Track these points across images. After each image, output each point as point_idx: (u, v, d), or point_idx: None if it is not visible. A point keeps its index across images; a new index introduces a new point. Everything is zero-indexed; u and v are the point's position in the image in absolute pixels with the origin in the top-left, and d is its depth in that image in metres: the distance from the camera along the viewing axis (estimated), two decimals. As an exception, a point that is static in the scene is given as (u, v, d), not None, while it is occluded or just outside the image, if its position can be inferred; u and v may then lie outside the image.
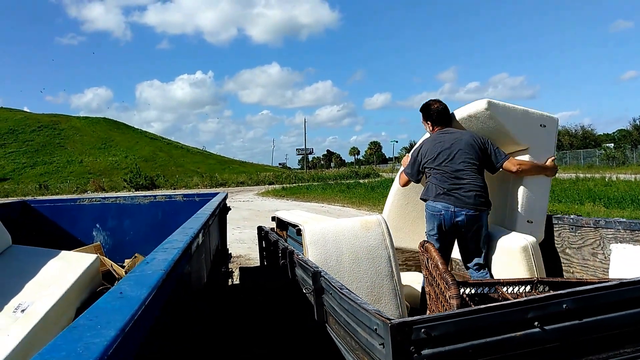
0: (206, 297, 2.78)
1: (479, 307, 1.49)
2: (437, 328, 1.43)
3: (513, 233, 3.61)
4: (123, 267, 4.08)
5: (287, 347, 2.99)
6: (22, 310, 2.40)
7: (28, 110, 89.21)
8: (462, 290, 2.18)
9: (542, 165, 3.84)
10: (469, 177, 3.55)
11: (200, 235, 2.17)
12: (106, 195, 5.26)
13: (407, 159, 4.05)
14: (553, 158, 3.93)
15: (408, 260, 4.47)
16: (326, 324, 2.20)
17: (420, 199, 3.82)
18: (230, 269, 5.28)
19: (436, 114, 3.88)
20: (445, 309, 2.00)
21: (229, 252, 5.19)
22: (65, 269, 2.75)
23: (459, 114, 3.89)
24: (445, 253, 3.68)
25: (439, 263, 2.00)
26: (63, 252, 3.00)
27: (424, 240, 2.43)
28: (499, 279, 2.34)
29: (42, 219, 4.56)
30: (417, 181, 3.92)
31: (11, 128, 72.62)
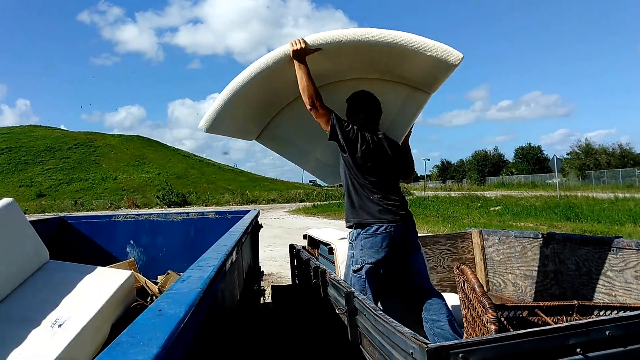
0: (239, 315, 2.77)
1: (519, 332, 1.44)
2: (476, 353, 1.39)
3: None
4: (156, 283, 4.12)
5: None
6: (60, 325, 2.44)
7: (65, 129, 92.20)
8: (499, 313, 2.12)
9: None
10: None
11: (234, 252, 2.18)
12: (140, 212, 5.35)
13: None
14: None
15: (443, 281, 4.39)
16: (360, 346, 2.17)
17: None
18: (262, 287, 5.28)
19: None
20: (483, 333, 1.95)
21: (261, 270, 5.19)
22: (100, 285, 2.79)
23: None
24: None
25: (475, 286, 1.95)
26: (99, 268, 3.04)
27: (460, 262, 2.38)
28: (539, 303, 2.27)
29: (79, 235, 4.65)
30: None
31: (49, 146, 74.88)
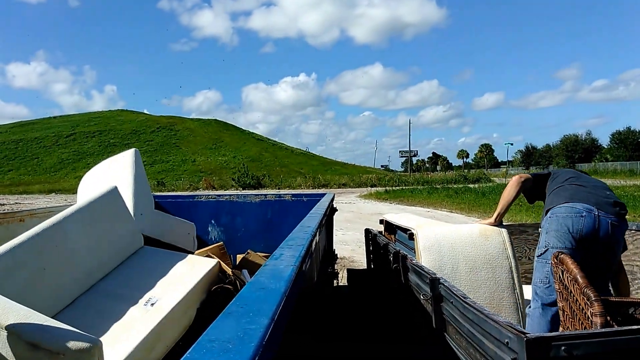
0: (318, 295, 2.81)
1: (631, 327, 1.33)
2: (580, 347, 1.30)
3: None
4: (235, 262, 4.28)
5: (402, 354, 2.92)
6: (152, 304, 2.63)
7: (148, 113, 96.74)
8: (604, 308, 1.98)
9: None
10: None
11: (317, 234, 2.19)
12: (220, 193, 5.55)
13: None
14: None
15: (528, 272, 4.19)
16: (445, 333, 2.11)
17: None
18: (336, 270, 5.32)
19: None
20: (585, 327, 1.83)
21: (335, 253, 5.23)
22: (189, 271, 2.96)
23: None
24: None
25: (578, 276, 1.83)
26: (189, 255, 3.22)
27: (559, 251, 2.25)
28: (644, 298, 2.10)
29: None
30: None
31: (134, 129, 78.78)
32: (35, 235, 2.50)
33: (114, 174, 3.76)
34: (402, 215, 4.52)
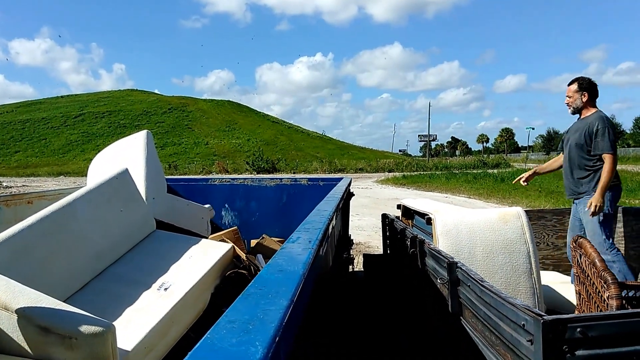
0: (333, 280, 2.82)
1: (646, 310, 1.33)
2: (596, 329, 1.30)
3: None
4: (249, 247, 4.29)
5: (419, 338, 2.95)
6: (165, 289, 2.60)
7: (159, 93, 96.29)
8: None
9: None
10: None
11: (334, 218, 2.20)
12: (235, 177, 5.51)
13: None
14: None
15: (545, 258, 4.17)
16: (461, 317, 2.12)
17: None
18: (351, 255, 5.32)
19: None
20: (601, 310, 1.83)
21: (351, 238, 5.21)
22: (203, 256, 2.91)
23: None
24: None
25: (596, 260, 1.82)
26: (202, 240, 3.17)
27: (577, 235, 2.24)
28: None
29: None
30: None
31: (145, 110, 78.05)
32: (45, 217, 2.46)
33: (125, 156, 3.73)
34: (419, 200, 4.51)
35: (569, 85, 3.97)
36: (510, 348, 1.52)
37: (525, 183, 4.23)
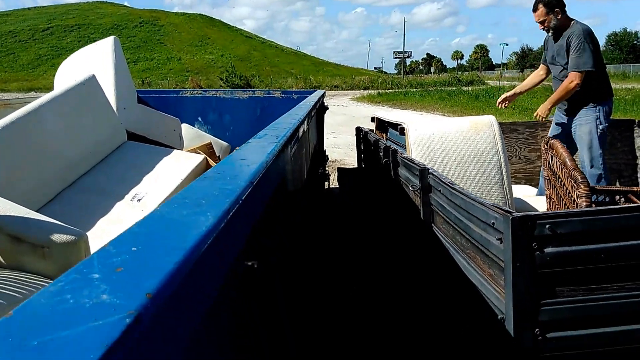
0: (307, 194, 2.80)
1: (615, 206, 1.33)
2: (565, 225, 1.30)
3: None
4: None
5: (391, 246, 2.99)
6: (139, 200, 2.58)
7: (129, 5, 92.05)
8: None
9: None
10: None
11: (305, 123, 2.13)
12: (207, 89, 5.41)
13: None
14: None
15: (517, 172, 4.21)
16: (432, 224, 2.13)
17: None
18: (327, 172, 5.33)
19: None
20: (570, 211, 1.85)
21: (326, 154, 5.20)
22: (175, 167, 2.88)
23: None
24: None
25: (567, 159, 1.81)
26: (175, 151, 3.13)
27: (549, 137, 2.23)
28: (632, 188, 2.11)
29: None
30: None
31: (116, 23, 74.91)
32: (10, 123, 2.36)
33: (93, 63, 3.56)
34: (394, 112, 4.45)
35: (534, 10, 3.73)
36: (480, 249, 1.53)
37: (506, 105, 4.09)
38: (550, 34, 3.68)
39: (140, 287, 0.37)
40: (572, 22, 3.66)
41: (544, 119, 3.74)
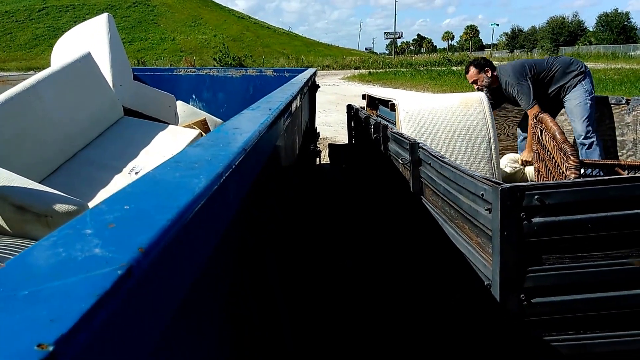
0: (298, 169, 2.83)
1: (600, 178, 1.36)
2: (553, 196, 1.34)
3: None
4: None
5: (382, 219, 3.03)
6: (137, 173, 2.64)
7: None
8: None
9: None
10: None
11: (298, 99, 2.14)
12: (200, 68, 5.45)
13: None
14: None
15: (505, 149, 4.25)
16: (422, 196, 2.16)
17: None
18: (318, 148, 5.36)
19: None
20: (558, 183, 1.88)
21: (317, 131, 5.23)
22: (171, 141, 2.93)
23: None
24: None
25: (556, 133, 1.84)
26: (170, 125, 3.19)
27: (539, 111, 2.25)
28: (620, 161, 2.15)
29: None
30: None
31: (109, 4, 74.10)
32: (9, 99, 2.41)
33: (87, 41, 3.58)
34: (384, 89, 4.47)
35: (466, 72, 3.99)
36: (469, 220, 1.56)
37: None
38: (485, 92, 3.71)
39: (133, 242, 0.38)
40: (499, 76, 3.85)
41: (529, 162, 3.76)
